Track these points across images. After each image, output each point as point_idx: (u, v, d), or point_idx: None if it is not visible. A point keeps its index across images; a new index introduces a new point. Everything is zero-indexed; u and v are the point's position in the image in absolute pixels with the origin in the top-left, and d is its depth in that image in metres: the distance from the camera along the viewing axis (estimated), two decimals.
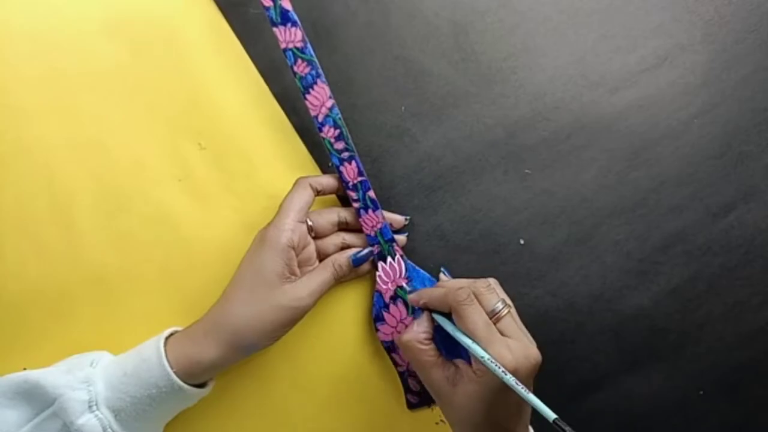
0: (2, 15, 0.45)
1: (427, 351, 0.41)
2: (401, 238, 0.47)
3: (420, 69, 0.48)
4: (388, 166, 0.48)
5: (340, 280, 0.45)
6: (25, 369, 0.42)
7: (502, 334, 0.38)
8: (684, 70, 0.49)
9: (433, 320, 0.42)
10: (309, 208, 0.44)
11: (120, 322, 0.46)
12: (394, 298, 0.47)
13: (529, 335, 0.41)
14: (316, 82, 0.43)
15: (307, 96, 0.43)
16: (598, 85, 0.49)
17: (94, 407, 0.38)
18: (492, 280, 0.42)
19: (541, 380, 0.42)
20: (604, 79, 0.49)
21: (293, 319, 0.41)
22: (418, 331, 0.41)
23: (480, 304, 0.39)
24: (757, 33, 0.49)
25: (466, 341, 0.38)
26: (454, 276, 0.48)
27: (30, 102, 0.45)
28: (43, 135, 0.45)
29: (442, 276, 0.48)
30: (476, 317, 0.38)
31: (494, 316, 0.39)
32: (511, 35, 0.48)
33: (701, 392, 0.50)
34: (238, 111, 0.47)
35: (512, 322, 0.39)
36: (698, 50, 0.49)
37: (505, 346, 0.37)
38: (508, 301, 0.41)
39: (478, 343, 0.38)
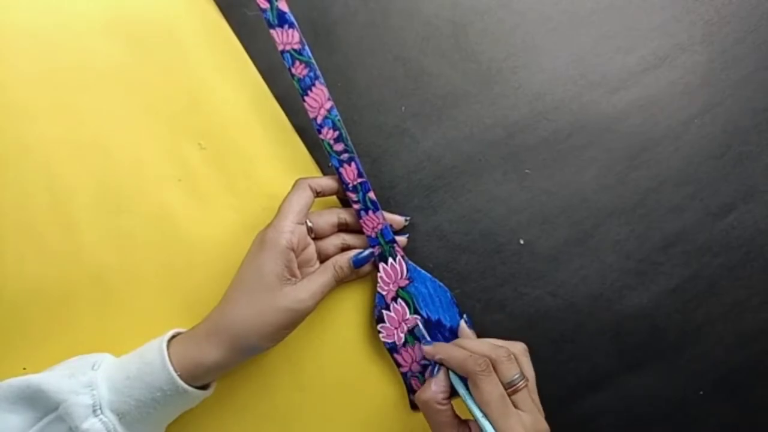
0: (2, 13, 0.45)
1: (445, 412, 0.41)
2: (402, 239, 0.47)
3: (420, 69, 0.48)
4: (388, 166, 0.48)
5: (341, 282, 0.45)
6: (24, 369, 0.43)
7: (515, 406, 0.39)
8: (684, 70, 0.49)
9: (449, 378, 0.43)
10: (308, 209, 0.44)
11: (120, 322, 0.46)
12: (395, 298, 0.47)
13: (540, 407, 0.41)
14: (314, 84, 0.43)
15: (306, 98, 0.43)
16: (598, 85, 0.49)
17: (98, 411, 0.38)
18: (519, 348, 0.42)
19: (541, 380, 0.42)
20: (604, 79, 0.49)
21: (294, 320, 0.41)
22: (436, 391, 0.41)
23: (498, 374, 0.40)
24: (757, 33, 0.49)
25: (476, 414, 0.39)
26: (456, 277, 0.49)
27: (30, 101, 0.45)
28: (43, 134, 0.45)
29: (462, 324, 0.47)
30: (492, 388, 0.38)
31: (511, 388, 0.39)
32: (511, 35, 0.48)
33: (701, 392, 0.50)
34: (238, 111, 0.47)
35: (527, 396, 0.40)
36: (698, 50, 0.49)
37: (518, 421, 0.38)
38: (529, 372, 0.41)
39: (489, 417, 0.38)
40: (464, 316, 0.47)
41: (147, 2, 0.46)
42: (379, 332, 0.47)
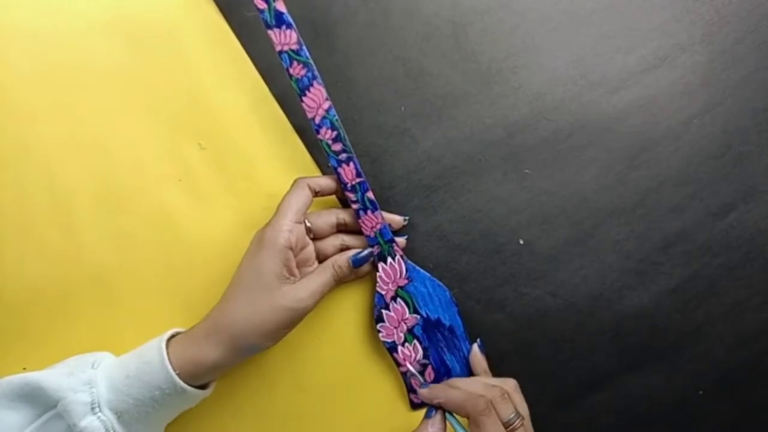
0: (2, 13, 0.45)
1: None
2: (401, 241, 0.47)
3: (420, 69, 0.48)
4: (388, 166, 0.48)
5: (340, 282, 0.45)
6: (24, 369, 0.43)
7: None
8: (684, 70, 0.49)
9: (445, 420, 0.43)
10: (307, 208, 0.44)
11: (120, 322, 0.46)
12: (394, 298, 0.47)
13: None
14: (312, 84, 0.43)
15: (304, 98, 0.43)
16: (598, 85, 0.49)
17: (97, 409, 0.38)
18: (510, 385, 0.43)
19: (541, 380, 0.42)
20: (604, 79, 0.49)
21: (293, 320, 0.41)
22: None
23: (496, 413, 0.40)
24: (757, 33, 0.49)
25: None
26: (456, 277, 0.49)
27: (30, 101, 0.45)
28: (44, 134, 0.45)
29: (475, 348, 0.47)
30: (494, 428, 0.39)
31: (509, 428, 0.40)
32: (511, 35, 0.48)
33: (701, 392, 0.50)
34: (238, 111, 0.47)
35: None
36: (698, 50, 0.49)
37: None
38: (523, 409, 0.42)
39: None
40: (477, 340, 0.48)
41: (147, 2, 0.46)
42: (379, 332, 0.47)
